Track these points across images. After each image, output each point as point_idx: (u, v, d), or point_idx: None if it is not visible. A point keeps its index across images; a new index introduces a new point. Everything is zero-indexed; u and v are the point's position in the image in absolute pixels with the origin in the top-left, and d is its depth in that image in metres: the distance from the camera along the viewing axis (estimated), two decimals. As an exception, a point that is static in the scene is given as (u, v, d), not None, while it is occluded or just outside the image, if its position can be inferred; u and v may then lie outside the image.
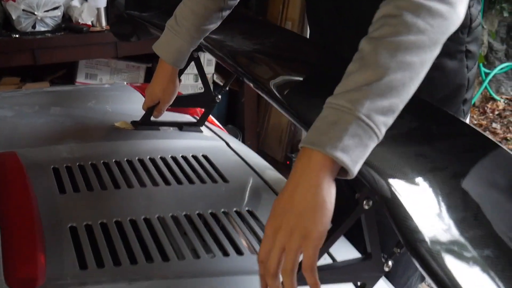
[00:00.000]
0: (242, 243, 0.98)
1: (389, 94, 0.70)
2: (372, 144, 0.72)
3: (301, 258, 0.72)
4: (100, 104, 1.58)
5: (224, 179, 1.20)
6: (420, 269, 0.58)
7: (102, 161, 1.19)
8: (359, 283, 0.82)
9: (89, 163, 1.18)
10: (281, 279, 0.72)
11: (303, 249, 0.71)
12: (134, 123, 1.40)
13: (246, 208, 1.10)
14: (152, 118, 1.38)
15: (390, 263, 0.80)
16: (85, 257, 0.89)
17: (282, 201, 0.74)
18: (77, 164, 1.18)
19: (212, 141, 1.41)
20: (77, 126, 1.39)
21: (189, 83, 3.10)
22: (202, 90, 1.48)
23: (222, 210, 1.08)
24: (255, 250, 0.97)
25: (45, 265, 0.85)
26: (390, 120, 0.72)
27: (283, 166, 3.10)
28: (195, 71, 2.87)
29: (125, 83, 1.84)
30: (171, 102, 1.35)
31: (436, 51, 0.75)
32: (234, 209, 1.09)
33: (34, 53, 2.45)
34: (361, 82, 0.71)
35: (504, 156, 0.72)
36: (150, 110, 1.35)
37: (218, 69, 3.02)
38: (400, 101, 0.72)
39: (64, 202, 1.05)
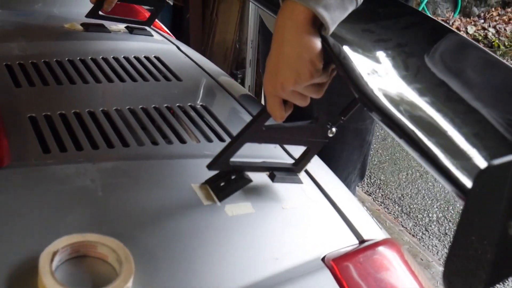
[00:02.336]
0: (197, 133, 1.04)
1: None
2: (351, 8, 0.77)
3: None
4: (47, 7, 1.55)
5: (178, 78, 1.24)
6: (378, 117, 0.65)
7: (55, 59, 1.20)
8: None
9: (42, 60, 1.19)
10: None
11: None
12: (84, 25, 1.40)
13: (200, 103, 1.15)
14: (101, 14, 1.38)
15: (334, 129, 0.88)
16: (48, 143, 0.92)
17: (272, 59, 0.80)
18: (30, 61, 1.18)
19: (163, 44, 1.43)
20: (26, 27, 1.38)
21: None
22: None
23: (177, 104, 1.12)
24: (207, 139, 1.02)
25: (9, 148, 0.88)
26: None
27: (228, 82, 3.13)
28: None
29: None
30: None
31: None
32: (189, 103, 1.13)
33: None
34: None
35: (442, 28, 0.82)
36: (99, 2, 1.35)
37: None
38: None
39: (20, 95, 1.06)
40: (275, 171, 0.91)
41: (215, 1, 3.15)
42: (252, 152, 0.94)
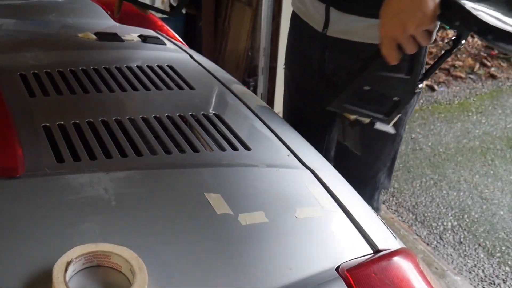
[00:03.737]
0: (210, 141, 1.04)
1: None
2: None
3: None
4: (61, 17, 1.56)
5: (190, 87, 1.24)
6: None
7: (69, 69, 1.21)
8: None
9: (56, 70, 1.20)
10: None
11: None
12: (97, 34, 1.41)
13: (213, 112, 1.15)
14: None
15: (421, 85, 1.04)
16: (61, 152, 0.92)
17: (395, 2, 0.93)
18: (44, 71, 1.19)
19: (176, 53, 1.44)
20: (41, 37, 1.39)
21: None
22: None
23: (190, 113, 1.12)
24: (220, 148, 1.02)
25: (23, 157, 0.89)
26: None
27: (241, 90, 3.13)
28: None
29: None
30: None
31: None
32: (202, 112, 1.13)
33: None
34: None
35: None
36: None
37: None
38: None
39: (35, 104, 1.07)
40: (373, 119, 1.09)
41: (227, 10, 3.16)
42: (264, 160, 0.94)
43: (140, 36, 1.47)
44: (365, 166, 1.49)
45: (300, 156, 1.06)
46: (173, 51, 1.45)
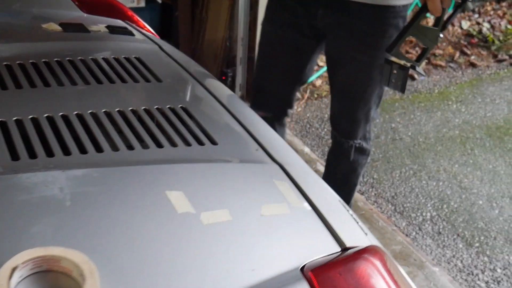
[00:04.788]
0: (175, 136, 1.00)
1: None
2: None
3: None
4: (26, 7, 1.51)
5: (158, 79, 1.20)
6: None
7: (30, 61, 1.16)
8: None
9: (17, 62, 1.15)
10: None
11: None
12: (62, 25, 1.36)
13: (180, 105, 1.11)
14: None
15: (441, 35, 1.34)
16: (17, 149, 0.88)
17: None
18: (4, 63, 1.14)
19: (145, 44, 1.40)
20: (2, 28, 1.34)
21: (120, -5, 2.98)
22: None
23: (156, 106, 1.08)
24: (186, 143, 0.99)
25: (-25, 156, 0.84)
26: None
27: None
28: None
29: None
30: None
31: None
32: (168, 106, 1.10)
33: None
34: None
35: None
36: None
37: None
38: None
39: (-9, 99, 1.02)
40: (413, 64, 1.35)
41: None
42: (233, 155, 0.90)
43: (107, 26, 1.42)
44: (358, 105, 1.78)
45: (269, 150, 1.03)
46: (141, 42, 1.41)
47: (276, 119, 1.90)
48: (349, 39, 1.64)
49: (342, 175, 1.97)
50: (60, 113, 0.99)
